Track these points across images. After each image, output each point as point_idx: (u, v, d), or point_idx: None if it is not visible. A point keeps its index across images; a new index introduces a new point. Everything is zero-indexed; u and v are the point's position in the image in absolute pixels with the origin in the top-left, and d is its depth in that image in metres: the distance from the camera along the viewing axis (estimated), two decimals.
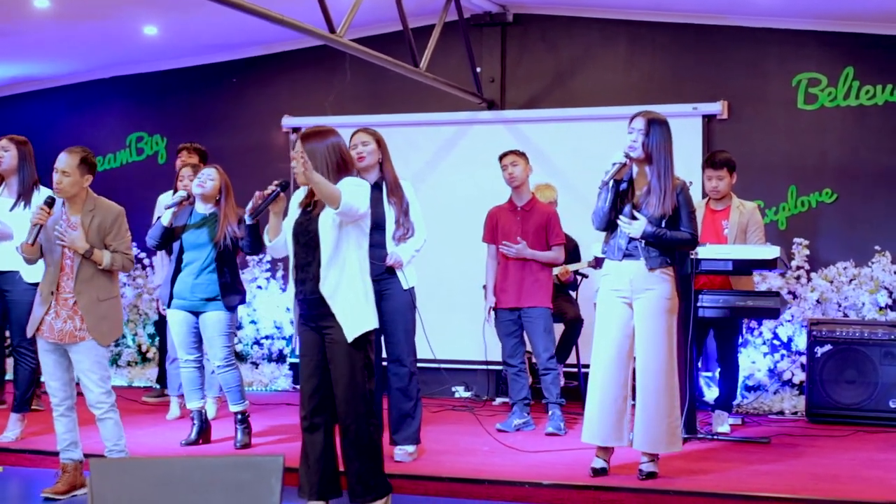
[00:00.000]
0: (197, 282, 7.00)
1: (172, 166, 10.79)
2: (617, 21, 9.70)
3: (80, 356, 5.78)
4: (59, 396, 5.87)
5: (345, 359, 5.26)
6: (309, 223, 5.29)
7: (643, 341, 5.97)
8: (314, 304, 5.27)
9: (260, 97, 10.73)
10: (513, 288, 7.67)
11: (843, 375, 8.19)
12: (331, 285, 5.21)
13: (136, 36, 9.80)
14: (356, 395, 5.28)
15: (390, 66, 8.38)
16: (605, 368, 6.01)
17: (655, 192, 5.96)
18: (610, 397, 6.00)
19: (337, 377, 5.29)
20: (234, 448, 6.95)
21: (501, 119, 9.85)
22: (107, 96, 11.20)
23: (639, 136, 6.00)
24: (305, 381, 5.39)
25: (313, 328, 5.35)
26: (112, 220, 5.87)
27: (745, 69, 9.36)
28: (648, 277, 5.97)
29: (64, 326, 5.76)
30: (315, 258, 5.25)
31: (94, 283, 5.81)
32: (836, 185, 9.07)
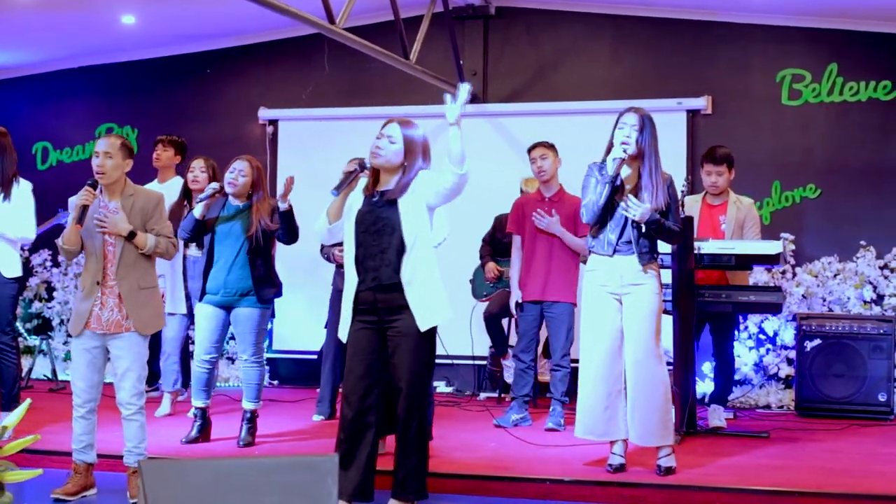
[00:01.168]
0: (230, 277, 6.84)
1: (145, 158, 10.62)
2: (601, 15, 9.69)
3: (121, 351, 5.63)
4: (84, 398, 5.68)
5: (412, 352, 5.21)
6: (381, 210, 5.25)
7: (633, 336, 5.96)
8: (385, 293, 5.20)
9: (235, 89, 10.58)
10: (538, 280, 7.59)
11: (831, 369, 8.25)
12: (409, 272, 5.18)
13: (114, 25, 9.60)
14: (422, 390, 5.26)
15: (384, 59, 8.28)
16: (598, 364, 5.99)
17: (647, 188, 5.94)
18: (604, 392, 5.99)
19: (402, 371, 5.22)
20: (238, 447, 6.82)
21: (484, 112, 9.80)
22: (75, 87, 10.96)
23: (632, 132, 5.97)
24: (357, 381, 5.29)
25: (372, 323, 5.27)
26: (154, 205, 5.72)
27: (730, 65, 9.40)
28: (638, 273, 5.96)
29: (111, 316, 5.60)
30: (391, 245, 5.21)
31: (136, 269, 5.66)
32: (819, 181, 9.14)
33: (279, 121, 10.36)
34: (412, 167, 5.31)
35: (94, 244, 5.63)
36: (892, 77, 9.00)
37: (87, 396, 5.71)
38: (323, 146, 10.03)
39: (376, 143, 5.35)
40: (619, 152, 5.93)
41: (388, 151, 5.30)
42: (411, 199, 5.25)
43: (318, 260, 7.97)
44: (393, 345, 5.25)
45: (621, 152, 5.92)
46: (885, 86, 9.00)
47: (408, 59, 8.46)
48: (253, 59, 10.52)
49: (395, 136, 5.33)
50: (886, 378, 8.15)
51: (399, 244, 5.21)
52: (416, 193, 5.27)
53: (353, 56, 10.15)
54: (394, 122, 5.42)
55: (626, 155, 5.91)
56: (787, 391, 8.80)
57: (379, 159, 5.32)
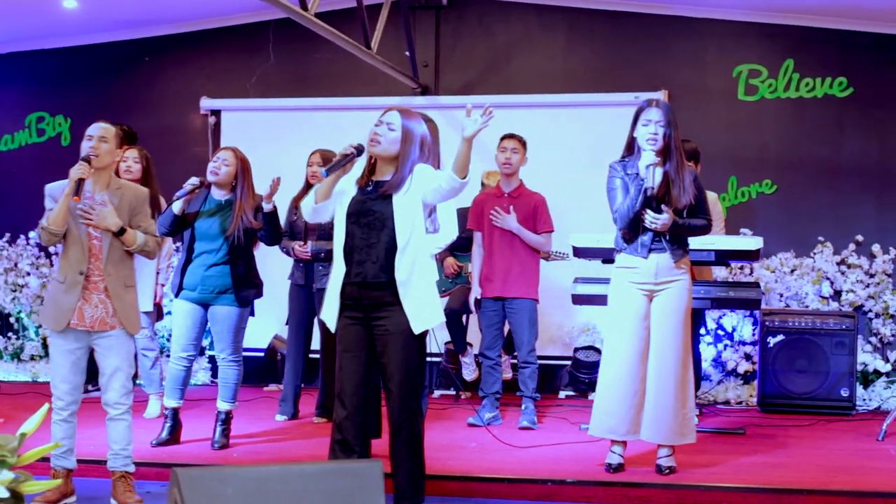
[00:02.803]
0: (208, 273, 6.53)
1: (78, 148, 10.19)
2: (555, 7, 9.57)
3: (109, 349, 5.33)
4: (66, 400, 5.36)
5: (402, 352, 5.01)
6: (374, 203, 5.04)
7: (662, 333, 5.84)
8: (371, 290, 5.00)
9: (175, 77, 10.22)
10: (498, 277, 7.44)
11: (794, 365, 8.25)
12: (405, 272, 4.98)
13: (55, 9, 9.17)
14: (412, 391, 5.04)
15: (349, 49, 8.02)
16: (625, 362, 5.85)
17: (676, 184, 5.83)
18: (629, 391, 5.85)
19: (392, 371, 5.02)
20: (212, 449, 6.53)
21: (436, 105, 9.57)
22: (3, 73, 10.47)
23: (658, 128, 5.85)
24: (349, 379, 5.08)
25: (358, 319, 5.06)
26: (142, 201, 5.44)
27: (686, 59, 9.36)
28: (672, 270, 5.84)
29: (95, 312, 5.29)
30: (380, 241, 5.00)
31: (122, 266, 5.38)
32: (775, 177, 9.15)
33: (222, 111, 10.04)
34: (407, 158, 5.10)
35: (79, 233, 5.30)
36: (848, 74, 9.04)
37: (70, 399, 5.39)
38: (268, 137, 9.73)
39: (375, 130, 5.13)
40: (652, 157, 5.78)
41: (386, 139, 5.09)
42: (407, 196, 5.06)
43: (266, 255, 7.66)
44: (381, 343, 5.06)
45: (653, 157, 5.78)
46: (841, 82, 9.04)
47: (369, 49, 8.23)
48: (194, 47, 10.18)
49: (395, 124, 5.12)
50: (849, 373, 8.18)
51: (389, 241, 5.02)
52: (412, 189, 5.08)
53: (299, 45, 9.91)
54: (394, 110, 5.21)
55: (657, 160, 5.78)
56: (746, 387, 8.79)
57: (377, 147, 5.10)
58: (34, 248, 10.14)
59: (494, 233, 7.49)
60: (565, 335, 9.22)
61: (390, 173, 5.11)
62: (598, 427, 5.98)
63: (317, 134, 9.56)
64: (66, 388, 5.38)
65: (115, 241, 5.32)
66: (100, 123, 5.44)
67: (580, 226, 8.30)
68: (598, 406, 5.99)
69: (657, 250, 5.85)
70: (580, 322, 9.22)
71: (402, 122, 5.12)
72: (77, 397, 5.43)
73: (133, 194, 5.45)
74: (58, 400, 5.39)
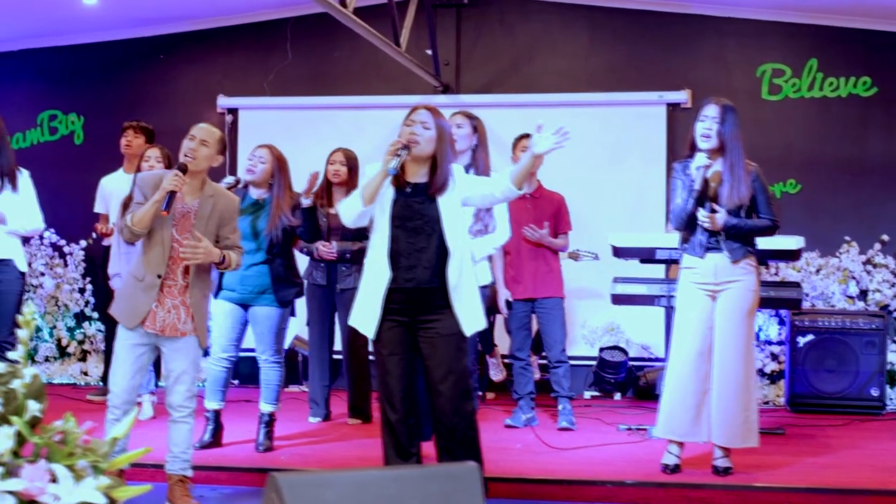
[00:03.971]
0: (247, 273, 6.44)
1: (92, 147, 10.14)
2: (576, 6, 9.52)
3: (177, 352, 5.23)
4: (122, 398, 5.23)
5: (453, 354, 4.97)
6: (419, 206, 4.96)
7: (724, 334, 5.80)
8: (422, 295, 4.94)
9: (191, 75, 10.11)
10: (527, 278, 7.38)
11: (824, 364, 8.24)
12: (455, 276, 4.92)
13: (74, 5, 9.04)
14: (465, 392, 5.01)
15: (381, 46, 7.93)
16: (686, 362, 5.81)
17: (729, 182, 5.79)
18: (691, 391, 5.81)
19: (442, 374, 4.96)
20: (257, 451, 6.45)
21: (457, 103, 9.47)
22: (15, 71, 10.33)
23: (713, 124, 5.81)
24: (397, 381, 5.04)
25: (403, 323, 5.00)
26: (233, 210, 5.35)
27: (709, 59, 9.34)
28: (733, 269, 5.80)
29: (167, 317, 5.19)
30: (430, 245, 4.93)
31: (204, 278, 5.30)
32: (800, 176, 9.13)
33: (239, 109, 9.93)
34: (445, 158, 5.04)
35: (163, 235, 5.19)
36: (872, 73, 9.05)
37: (126, 397, 5.26)
38: (286, 136, 9.57)
39: (411, 130, 5.02)
40: (703, 159, 5.74)
41: (423, 138, 4.98)
42: (450, 198, 5.02)
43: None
44: (430, 346, 5.00)
45: (705, 159, 5.74)
46: (865, 81, 9.04)
47: (398, 46, 8.15)
48: (210, 45, 10.07)
49: (429, 123, 5.04)
50: (878, 372, 8.17)
51: (440, 246, 4.96)
52: (453, 191, 5.03)
53: (317, 43, 9.84)
54: (422, 108, 5.12)
55: (708, 160, 5.74)
56: (772, 387, 8.77)
57: (417, 147, 5.00)
58: (48, 248, 10.01)
59: (519, 234, 7.42)
60: (589, 335, 9.18)
61: (424, 173, 5.04)
62: (664, 428, 5.93)
63: (335, 132, 9.48)
64: (126, 385, 5.24)
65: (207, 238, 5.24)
66: (204, 125, 5.34)
67: (601, 225, 8.29)
68: (663, 407, 5.95)
69: (713, 250, 5.81)
70: (604, 322, 9.17)
71: (434, 120, 5.04)
72: (132, 398, 5.32)
73: (225, 203, 5.34)
74: (115, 397, 5.25)
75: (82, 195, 8.79)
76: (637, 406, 8.45)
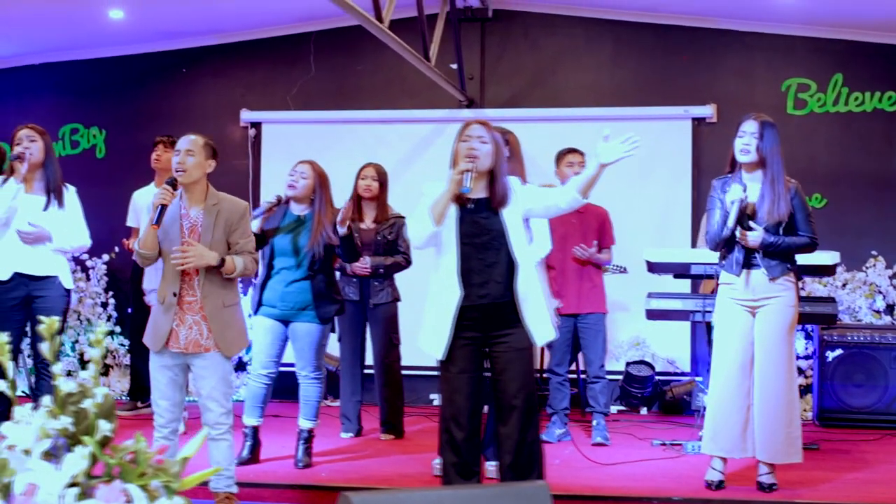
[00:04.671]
0: (288, 290, 6.42)
1: (113, 161, 10.12)
2: (601, 20, 9.53)
3: (205, 370, 5.22)
4: (167, 417, 5.25)
5: (524, 367, 4.97)
6: (485, 220, 4.95)
7: (765, 350, 5.80)
8: (495, 310, 4.92)
9: (213, 89, 10.10)
10: (572, 294, 7.38)
11: (853, 379, 8.25)
12: (523, 288, 4.91)
13: (100, 19, 9.03)
14: (533, 407, 5.01)
15: (412, 60, 7.92)
16: (729, 378, 5.82)
17: (769, 198, 5.80)
18: (736, 407, 5.81)
19: (516, 389, 4.95)
20: (296, 468, 6.43)
21: (481, 117, 9.49)
22: (36, 84, 10.30)
23: (752, 140, 5.83)
24: (466, 399, 5.00)
25: (476, 340, 4.98)
26: (239, 216, 5.31)
27: (734, 73, 9.35)
28: (771, 286, 5.81)
29: (189, 334, 5.19)
30: (499, 259, 4.92)
31: (220, 286, 5.26)
32: (825, 191, 9.14)
33: (262, 123, 9.92)
34: (501, 171, 5.04)
35: (172, 252, 5.21)
36: None
37: (171, 416, 5.28)
38: (310, 150, 9.48)
39: (470, 145, 5.02)
40: (739, 192, 5.75)
41: (482, 152, 4.98)
42: (512, 210, 5.02)
43: None
44: (503, 361, 4.98)
45: (741, 192, 5.74)
46: (890, 96, 9.05)
47: (428, 60, 8.15)
48: (233, 59, 10.06)
49: (486, 136, 5.05)
50: None
51: (508, 260, 4.94)
52: (514, 203, 5.03)
53: (340, 57, 9.84)
54: (476, 123, 5.13)
55: (744, 196, 5.75)
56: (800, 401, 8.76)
57: (477, 162, 4.98)
58: (70, 261, 9.91)
59: (563, 249, 7.41)
60: (615, 349, 9.17)
61: (483, 188, 5.03)
62: (709, 444, 5.92)
63: (359, 146, 9.49)
64: (166, 404, 5.28)
65: (217, 248, 5.23)
66: (187, 136, 5.34)
67: (627, 239, 8.27)
68: (708, 424, 5.94)
69: (751, 267, 5.82)
70: (630, 336, 9.17)
71: (490, 134, 5.04)
72: (178, 415, 5.33)
73: (230, 209, 5.32)
74: (159, 417, 5.29)
75: (104, 209, 8.75)
76: (664, 420, 8.45)
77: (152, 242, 5.22)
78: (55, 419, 3.05)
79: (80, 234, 6.54)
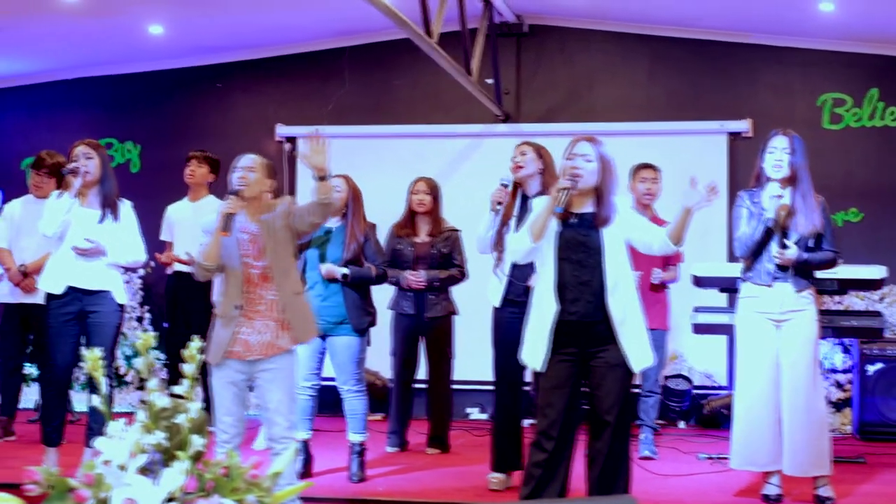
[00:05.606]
0: (324, 304, 6.46)
1: (148, 175, 10.15)
2: (636, 35, 9.58)
3: (271, 382, 5.19)
4: (231, 433, 5.21)
5: (619, 383, 4.96)
6: (584, 238, 4.97)
7: (792, 363, 5.85)
8: (586, 328, 4.94)
9: (248, 104, 10.14)
10: None
11: (893, 393, 8.27)
12: (620, 310, 4.91)
13: (139, 34, 9.08)
14: (628, 423, 5.04)
15: (455, 75, 7.96)
16: (760, 392, 5.86)
17: (802, 212, 5.84)
18: (767, 421, 5.85)
19: (610, 404, 4.95)
20: (350, 482, 6.44)
21: (518, 132, 9.54)
22: (71, 99, 10.36)
23: (783, 156, 5.87)
24: (558, 415, 4.98)
25: (572, 355, 4.98)
26: (283, 206, 5.30)
27: (770, 88, 9.39)
28: (797, 299, 5.85)
29: (262, 338, 5.17)
30: (593, 278, 4.93)
31: (288, 275, 5.27)
32: (861, 205, 9.18)
33: (297, 138, 9.94)
34: (609, 189, 5.06)
35: (233, 265, 5.23)
36: None
37: (235, 431, 5.24)
38: (346, 165, 9.48)
39: (572, 164, 5.04)
40: (777, 189, 5.79)
41: (586, 171, 5.00)
42: (614, 230, 5.02)
43: None
44: (598, 376, 4.99)
45: (778, 189, 5.79)
46: None
47: (470, 75, 8.19)
48: (268, 74, 10.11)
49: (591, 155, 5.05)
50: None
51: (602, 278, 4.95)
52: (618, 224, 5.04)
53: (375, 72, 9.87)
54: (583, 140, 5.14)
55: (781, 192, 5.80)
56: (838, 415, 8.78)
57: (580, 181, 5.01)
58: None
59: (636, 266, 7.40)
60: None
61: (589, 204, 5.05)
62: (739, 459, 5.96)
63: (395, 161, 9.53)
64: (231, 420, 5.24)
65: (277, 253, 5.22)
66: (248, 155, 5.38)
67: None
68: (735, 438, 5.97)
69: (781, 279, 5.85)
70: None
71: (596, 151, 5.06)
72: (241, 430, 5.31)
73: (280, 211, 5.29)
74: (221, 433, 5.23)
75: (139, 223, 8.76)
76: (704, 434, 8.46)
77: (216, 254, 5.21)
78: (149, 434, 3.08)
79: (135, 248, 6.55)
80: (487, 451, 6.36)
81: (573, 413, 5.03)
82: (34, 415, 8.84)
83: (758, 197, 5.92)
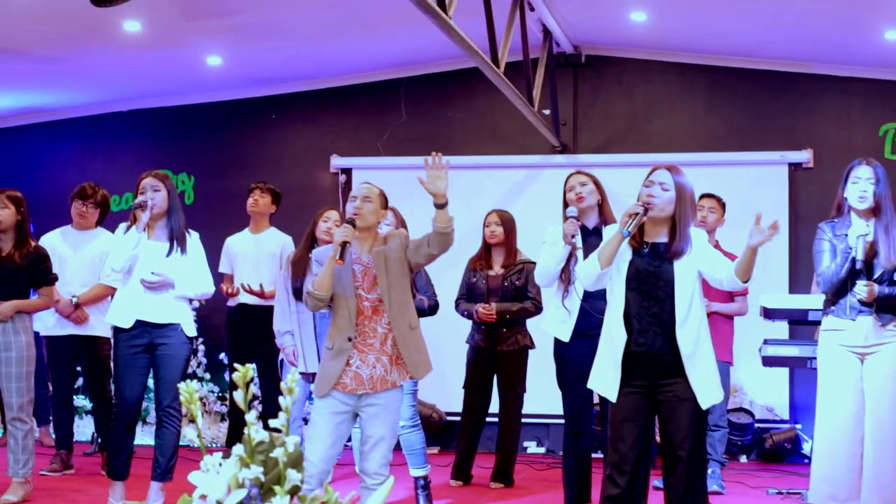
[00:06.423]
0: None
1: (202, 207, 10.13)
2: (695, 66, 9.51)
3: (375, 417, 5.08)
4: (319, 468, 5.06)
5: (690, 417, 4.87)
6: (655, 268, 4.88)
7: (878, 397, 5.71)
8: (654, 360, 4.85)
9: (303, 135, 10.12)
10: None
11: None
12: (689, 345, 4.82)
13: (198, 66, 9.09)
14: (702, 458, 4.94)
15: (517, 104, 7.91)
16: (843, 426, 5.72)
17: (885, 243, 5.71)
18: (847, 454, 5.71)
19: (682, 438, 4.86)
20: None
21: (575, 163, 9.44)
22: (125, 130, 10.38)
23: (868, 186, 5.76)
24: (630, 449, 4.91)
25: (641, 387, 4.90)
26: (403, 239, 5.24)
27: (831, 118, 9.31)
28: (882, 332, 5.73)
29: (373, 372, 5.07)
30: (663, 310, 4.83)
31: (404, 309, 5.17)
32: None
33: (353, 169, 9.91)
34: (686, 219, 4.97)
35: (346, 297, 5.13)
36: None
37: (325, 466, 5.14)
38: (401, 196, 9.50)
39: (648, 192, 4.97)
40: (864, 227, 5.69)
41: (661, 200, 4.92)
42: (687, 262, 4.93)
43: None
44: (668, 410, 4.91)
45: (865, 227, 5.69)
46: None
47: (532, 106, 8.14)
48: (323, 105, 10.09)
49: (668, 183, 4.96)
50: None
51: (672, 311, 4.86)
52: (692, 256, 4.95)
53: (430, 103, 9.85)
54: (662, 168, 5.06)
55: (868, 230, 5.69)
56: None
57: (654, 209, 4.95)
58: None
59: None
60: None
61: (664, 234, 4.97)
62: (818, 494, 5.83)
63: (452, 193, 9.30)
64: (322, 455, 5.08)
65: (394, 286, 5.13)
66: (364, 183, 5.33)
67: None
68: (816, 472, 5.84)
69: (865, 312, 5.74)
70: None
71: (674, 180, 4.98)
72: (329, 466, 5.22)
73: (394, 245, 5.21)
74: (310, 466, 4.97)
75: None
76: (768, 469, 8.35)
77: (329, 283, 5.09)
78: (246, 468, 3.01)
79: (203, 280, 6.49)
80: (551, 485, 6.28)
81: (645, 446, 4.95)
82: (89, 447, 8.82)
83: (840, 229, 5.80)
